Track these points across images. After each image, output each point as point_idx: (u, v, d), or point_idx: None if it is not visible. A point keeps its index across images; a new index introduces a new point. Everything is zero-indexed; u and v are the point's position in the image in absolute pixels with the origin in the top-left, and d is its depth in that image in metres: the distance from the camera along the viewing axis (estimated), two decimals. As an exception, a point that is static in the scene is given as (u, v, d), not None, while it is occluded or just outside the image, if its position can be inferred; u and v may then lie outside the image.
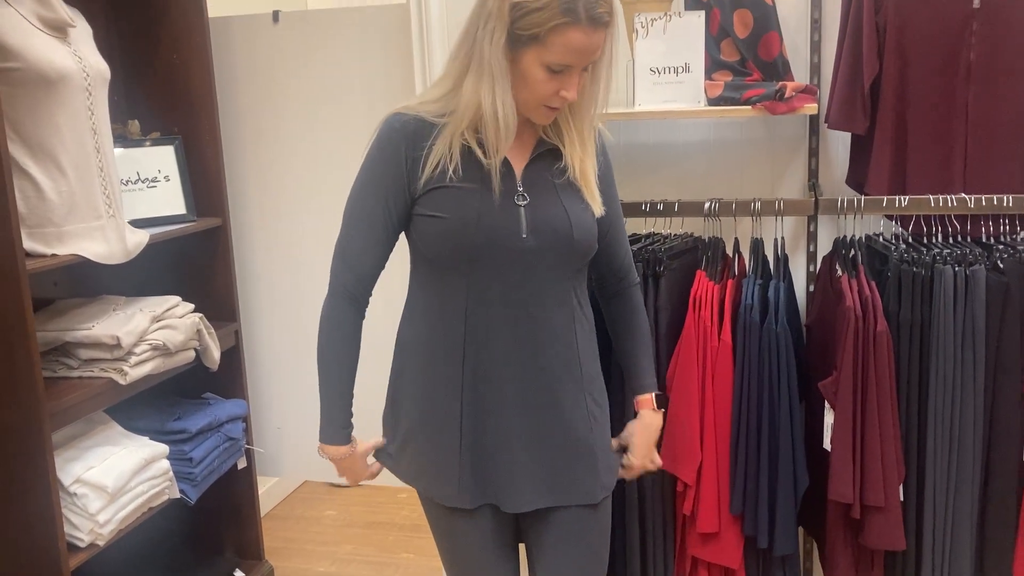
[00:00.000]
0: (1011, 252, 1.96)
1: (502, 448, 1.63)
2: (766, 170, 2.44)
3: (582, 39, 1.45)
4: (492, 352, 1.61)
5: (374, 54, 2.68)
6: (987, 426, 1.98)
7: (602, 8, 1.46)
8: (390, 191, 1.61)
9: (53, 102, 2.11)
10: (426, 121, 1.59)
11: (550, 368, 1.63)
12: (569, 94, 1.51)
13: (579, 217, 1.59)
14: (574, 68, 1.49)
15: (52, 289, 2.50)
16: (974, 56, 2.04)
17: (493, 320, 1.60)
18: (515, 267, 1.57)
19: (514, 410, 1.63)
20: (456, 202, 1.55)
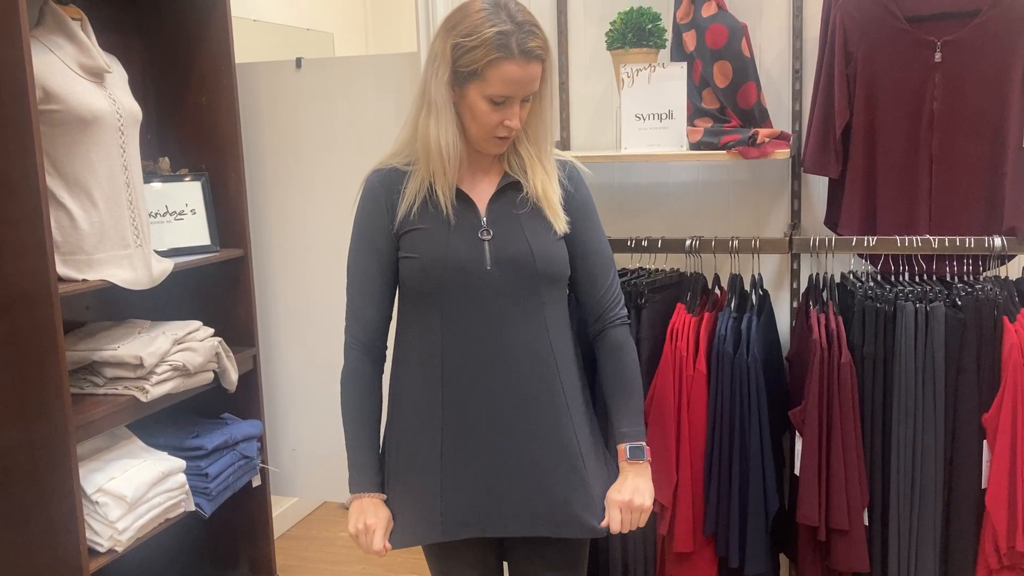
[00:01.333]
0: (970, 291, 2.06)
1: (481, 477, 1.71)
2: (751, 210, 2.56)
3: (517, 72, 1.60)
4: (469, 384, 1.70)
5: (388, 98, 2.86)
6: (947, 454, 2.07)
7: (533, 43, 1.61)
8: (379, 242, 1.75)
9: (88, 140, 2.31)
10: (398, 170, 1.75)
11: (525, 397, 1.70)
12: (512, 123, 1.66)
13: (541, 245, 1.71)
14: (514, 99, 1.64)
15: (84, 313, 2.69)
16: (937, 106, 2.16)
17: (468, 352, 1.70)
18: (484, 299, 1.68)
19: (491, 440, 1.70)
20: (426, 241, 1.69)
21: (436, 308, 1.71)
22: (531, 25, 1.63)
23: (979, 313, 2.03)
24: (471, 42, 1.61)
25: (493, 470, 1.71)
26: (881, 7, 2.15)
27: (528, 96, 1.67)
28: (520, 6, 1.67)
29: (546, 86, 1.71)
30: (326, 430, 3.15)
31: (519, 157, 1.75)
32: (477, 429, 1.71)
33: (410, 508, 1.76)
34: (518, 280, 1.69)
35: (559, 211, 1.73)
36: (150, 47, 2.83)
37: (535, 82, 1.65)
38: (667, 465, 2.16)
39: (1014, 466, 1.99)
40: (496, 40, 1.59)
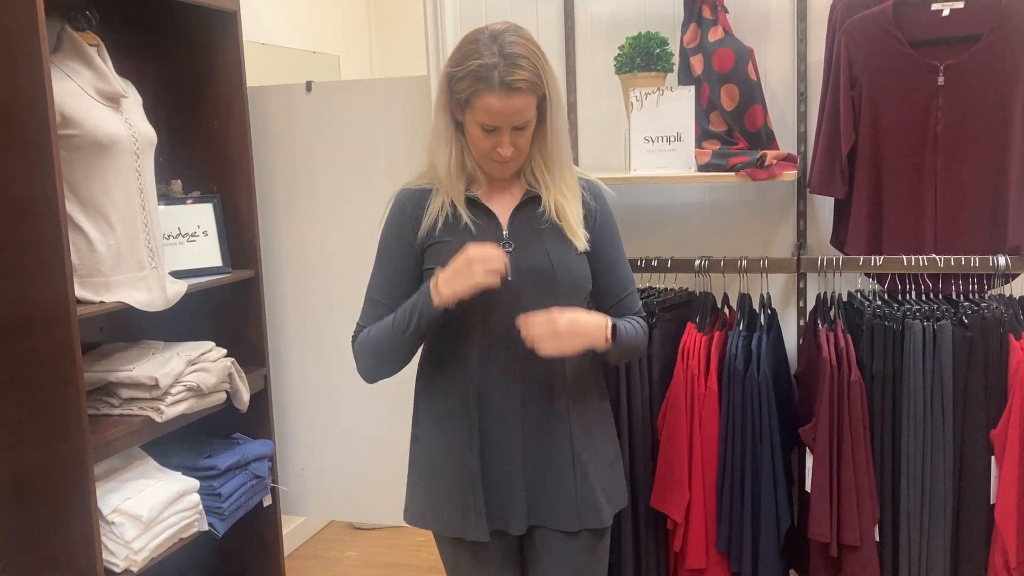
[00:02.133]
0: (975, 309, 2.10)
1: (506, 475, 1.80)
2: (758, 230, 2.60)
3: (497, 103, 1.66)
4: (494, 389, 1.78)
5: (397, 121, 2.90)
6: (956, 470, 2.11)
7: (517, 76, 1.65)
8: (403, 255, 1.83)
9: (105, 164, 2.34)
10: (424, 189, 1.83)
11: (545, 401, 1.79)
12: (503, 151, 1.72)
13: (562, 259, 1.78)
14: (503, 128, 1.70)
15: (98, 334, 2.71)
16: (940, 128, 2.20)
17: (491, 359, 1.77)
18: (507, 309, 1.74)
19: (514, 439, 1.79)
20: (449, 253, 1.74)
21: (459, 318, 1.77)
22: (519, 58, 1.67)
23: (985, 331, 2.07)
24: (459, 72, 1.70)
25: (509, 473, 1.80)
26: (885, 32, 2.20)
27: (522, 125, 1.72)
28: (519, 39, 1.71)
29: (550, 114, 1.76)
30: (335, 449, 3.17)
31: (535, 177, 1.81)
32: (501, 432, 1.79)
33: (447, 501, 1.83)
34: (539, 291, 1.76)
35: (577, 229, 1.78)
36: (163, 71, 2.87)
37: (522, 113, 1.69)
38: (680, 482, 2.19)
39: (1023, 481, 2.02)
40: (478, 72, 1.67)
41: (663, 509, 2.22)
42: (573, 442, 1.82)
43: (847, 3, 2.29)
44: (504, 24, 1.75)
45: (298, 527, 3.79)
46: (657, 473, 2.23)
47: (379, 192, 3.02)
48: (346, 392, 3.11)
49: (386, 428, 3.07)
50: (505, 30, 1.72)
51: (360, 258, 3.01)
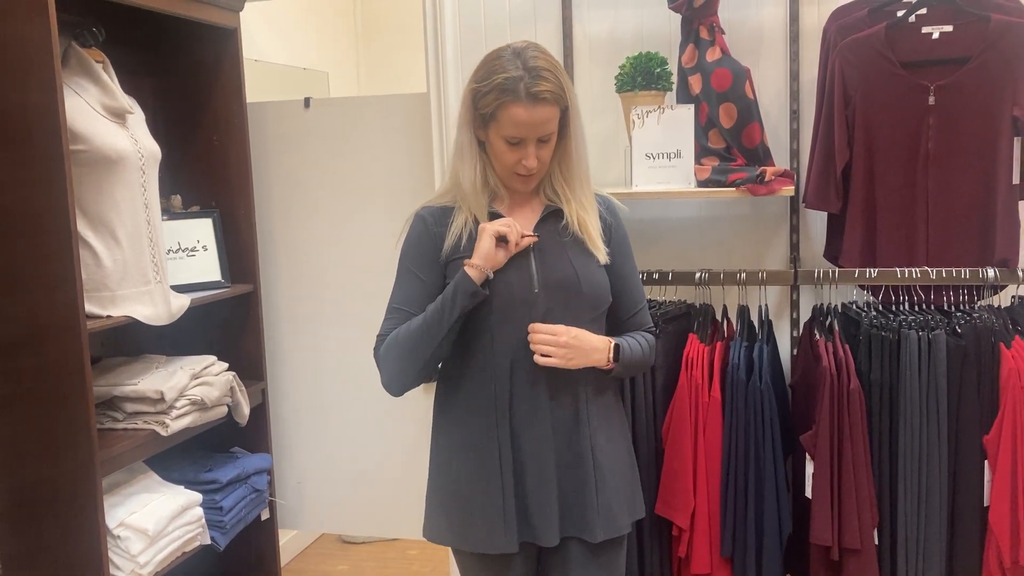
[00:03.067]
0: (968, 319, 2.19)
1: (535, 488, 1.82)
2: (752, 244, 2.67)
3: (524, 114, 1.72)
4: (521, 401, 1.81)
5: (397, 138, 2.94)
6: (951, 475, 2.18)
7: (542, 87, 1.73)
8: (425, 269, 1.85)
9: (113, 180, 2.35)
10: (446, 207, 1.87)
11: (571, 413, 1.83)
12: (528, 163, 1.77)
13: (586, 270, 1.83)
14: (528, 140, 1.76)
15: (100, 348, 2.71)
16: (932, 146, 2.29)
17: (518, 371, 1.80)
18: (532, 319, 1.79)
19: (545, 450, 1.82)
20: None
21: (486, 330, 1.81)
22: (544, 71, 1.75)
23: (978, 340, 2.15)
24: (485, 87, 1.77)
25: (539, 486, 1.83)
26: (877, 53, 2.29)
27: (546, 137, 1.78)
28: (541, 55, 1.79)
29: (570, 127, 1.83)
30: (331, 463, 3.18)
31: (555, 192, 1.86)
32: (531, 443, 1.82)
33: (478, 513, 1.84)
34: (564, 303, 1.81)
35: (599, 243, 1.84)
36: (163, 87, 2.89)
37: (547, 124, 1.76)
38: (685, 490, 2.25)
39: (1015, 484, 2.10)
40: (504, 84, 1.74)
41: (668, 516, 2.28)
42: (595, 452, 1.85)
43: (840, 25, 2.37)
44: (524, 42, 1.82)
45: (290, 540, 3.79)
46: (662, 480, 2.28)
47: (377, 208, 3.09)
48: (342, 406, 3.13)
49: (381, 442, 3.10)
50: (526, 47, 1.79)
51: (358, 273, 3.07)
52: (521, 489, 1.83)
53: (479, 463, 1.84)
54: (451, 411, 1.90)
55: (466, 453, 1.86)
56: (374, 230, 3.00)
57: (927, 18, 2.29)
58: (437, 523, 1.92)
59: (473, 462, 1.85)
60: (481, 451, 1.84)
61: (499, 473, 1.82)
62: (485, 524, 1.83)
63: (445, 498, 1.90)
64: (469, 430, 1.86)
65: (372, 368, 1.87)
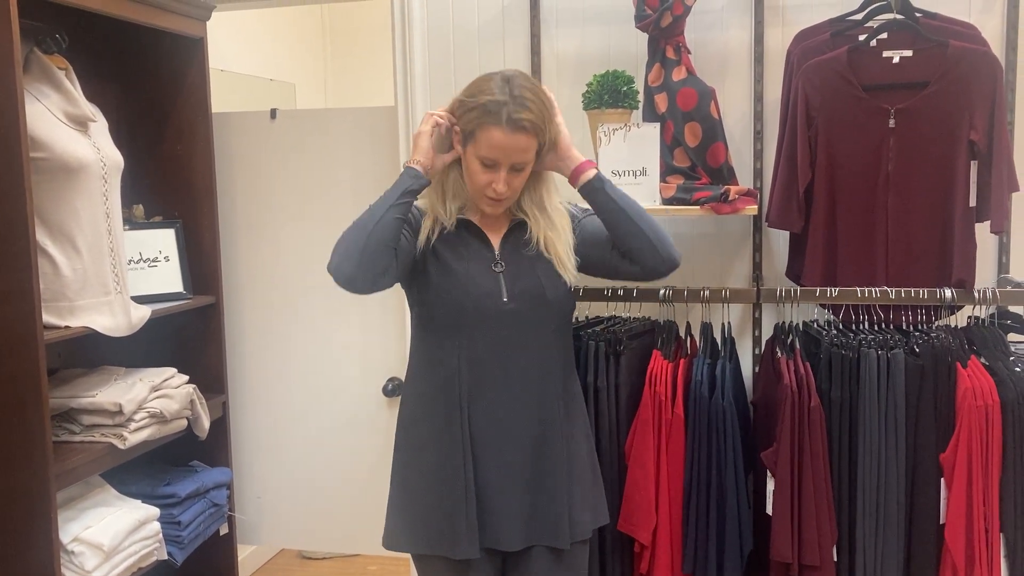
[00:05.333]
0: (926, 339, 2.22)
1: (498, 493, 1.84)
2: (716, 262, 2.70)
3: (502, 139, 1.74)
4: (486, 407, 1.83)
5: (363, 151, 2.93)
6: (908, 492, 2.21)
7: (523, 115, 1.75)
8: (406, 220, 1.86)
9: (73, 188, 2.32)
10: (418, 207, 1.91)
11: (536, 419, 1.85)
12: (498, 188, 1.79)
13: (552, 281, 1.86)
14: (502, 165, 1.77)
15: (56, 360, 2.67)
16: (892, 167, 2.33)
17: (485, 378, 1.83)
18: (500, 328, 1.81)
19: (509, 454, 1.84)
20: (444, 274, 1.82)
21: (454, 336, 1.83)
22: (529, 100, 1.77)
23: (935, 359, 2.18)
24: (470, 103, 1.79)
25: (502, 491, 1.84)
26: (840, 77, 2.33)
27: (520, 165, 1.80)
28: (529, 86, 1.81)
29: (546, 147, 1.85)
30: (291, 478, 3.15)
31: (524, 212, 1.88)
32: (495, 446, 1.84)
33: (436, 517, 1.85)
34: (532, 312, 1.84)
35: (566, 262, 1.86)
36: (127, 95, 2.86)
37: (523, 152, 1.78)
38: (647, 506, 2.25)
39: (970, 502, 2.13)
40: (487, 106, 1.75)
41: (630, 532, 2.28)
42: (563, 459, 1.88)
43: (803, 48, 2.41)
44: (515, 71, 1.86)
45: (249, 556, 3.74)
46: (624, 496, 2.28)
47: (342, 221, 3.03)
48: (303, 420, 3.11)
49: (342, 457, 3.08)
50: (517, 75, 1.83)
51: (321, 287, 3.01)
52: (484, 494, 1.84)
53: (441, 468, 1.85)
54: (416, 418, 1.91)
55: (429, 458, 1.87)
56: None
57: (888, 42, 2.34)
58: (397, 530, 1.93)
59: (435, 467, 1.86)
60: (444, 456, 1.85)
61: (462, 478, 1.83)
62: (447, 528, 1.84)
63: (406, 503, 1.91)
64: (433, 437, 1.87)
65: (335, 384, 1.87)
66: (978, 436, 2.13)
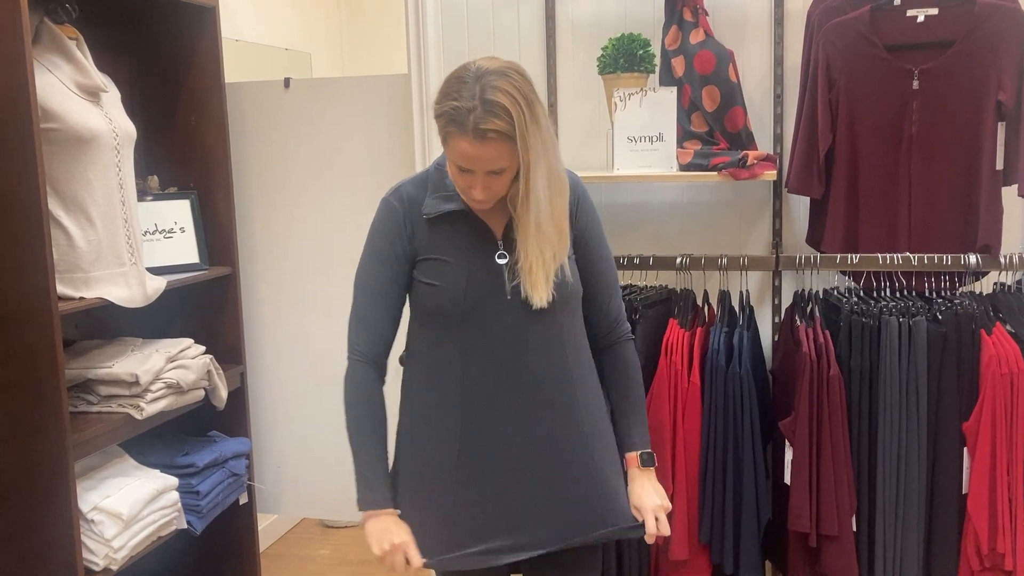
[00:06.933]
0: (949, 305, 2.17)
1: (504, 498, 1.73)
2: (735, 229, 2.66)
3: (468, 148, 1.58)
4: (488, 403, 1.73)
5: (378, 120, 2.90)
6: (930, 461, 2.18)
7: (490, 125, 1.55)
8: (397, 259, 1.76)
9: (86, 159, 2.32)
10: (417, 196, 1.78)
11: (545, 414, 1.74)
12: (474, 194, 1.65)
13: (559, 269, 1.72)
14: (475, 172, 1.62)
15: (73, 331, 2.68)
16: (915, 130, 2.28)
17: (487, 373, 1.72)
18: (503, 321, 1.71)
19: (512, 457, 1.73)
20: (445, 267, 1.72)
21: (455, 330, 1.74)
22: (497, 106, 1.56)
23: (959, 327, 2.14)
24: (439, 109, 1.63)
25: (516, 491, 1.74)
26: (862, 37, 2.27)
27: (497, 170, 1.63)
28: (506, 83, 1.59)
29: (528, 162, 1.61)
30: (311, 448, 3.16)
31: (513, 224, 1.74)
32: (498, 450, 1.74)
33: (436, 527, 1.77)
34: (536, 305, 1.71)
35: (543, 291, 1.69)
36: (140, 66, 2.84)
37: (494, 161, 1.60)
38: (663, 475, 2.22)
39: (994, 471, 2.09)
40: (452, 114, 1.58)
41: (646, 502, 2.26)
42: (587, 456, 1.77)
43: (824, 8, 2.35)
44: (498, 64, 1.62)
45: (270, 525, 3.77)
46: (641, 466, 2.26)
47: (357, 190, 3.06)
48: (321, 390, 3.11)
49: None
50: (492, 71, 1.60)
51: (338, 255, 3.03)
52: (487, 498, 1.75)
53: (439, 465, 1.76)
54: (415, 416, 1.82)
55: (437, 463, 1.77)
56: (355, 212, 2.96)
57: (912, 1, 2.27)
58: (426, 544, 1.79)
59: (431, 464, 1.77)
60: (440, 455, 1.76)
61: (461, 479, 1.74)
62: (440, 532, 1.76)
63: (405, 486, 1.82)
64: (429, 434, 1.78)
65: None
66: (1002, 404, 2.09)
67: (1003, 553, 2.08)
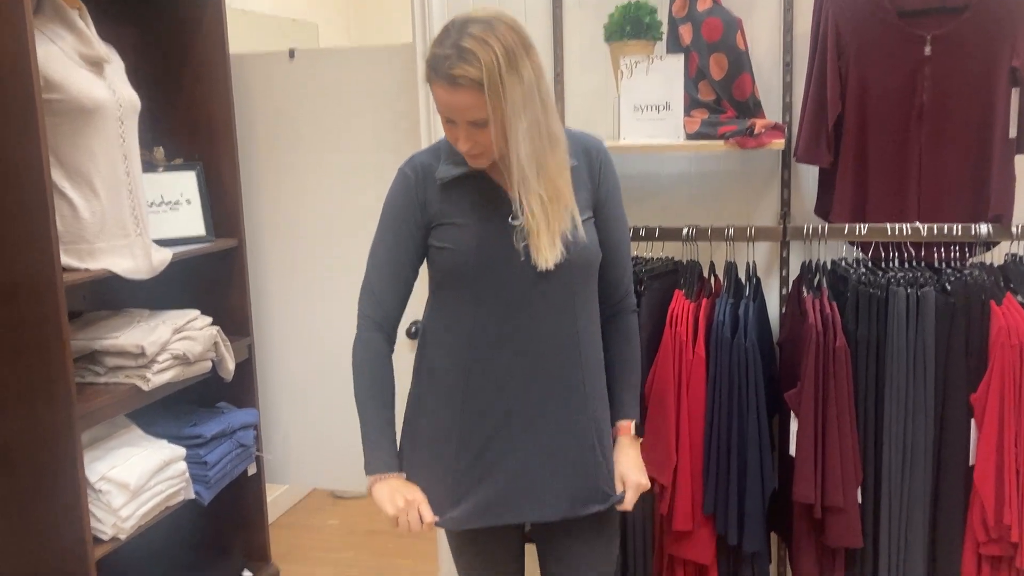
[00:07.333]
0: (958, 276, 2.15)
1: (514, 462, 1.74)
2: (743, 200, 2.62)
3: (442, 95, 1.58)
4: (499, 368, 1.72)
5: (383, 89, 2.88)
6: (937, 434, 2.16)
7: (460, 71, 1.54)
8: (409, 230, 1.75)
9: (89, 130, 2.31)
10: (431, 163, 1.77)
11: (556, 379, 1.74)
12: (460, 146, 1.64)
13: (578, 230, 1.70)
14: (457, 122, 1.61)
15: (80, 302, 2.69)
16: (926, 98, 2.23)
17: (498, 337, 1.71)
18: (514, 281, 1.70)
19: (525, 423, 1.73)
20: (458, 230, 1.71)
21: (467, 293, 1.73)
22: (470, 53, 1.54)
23: (968, 297, 2.11)
24: (426, 58, 1.63)
25: (524, 456, 1.74)
26: (872, 2, 2.22)
27: (479, 122, 1.59)
28: (487, 32, 1.56)
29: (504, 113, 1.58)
30: (318, 418, 3.17)
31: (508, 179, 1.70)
32: (507, 415, 1.74)
33: (445, 489, 1.77)
34: (553, 270, 1.69)
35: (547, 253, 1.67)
36: (144, 37, 2.83)
37: (469, 110, 1.58)
38: (667, 446, 2.22)
39: (1001, 443, 2.07)
40: (430, 61, 1.59)
41: (650, 473, 2.24)
42: (597, 422, 1.79)
43: (835, -27, 2.30)
44: (487, 13, 1.60)
45: (280, 495, 3.80)
46: (644, 437, 2.25)
47: (364, 159, 3.04)
48: (329, 361, 3.11)
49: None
50: (478, 20, 1.58)
51: (344, 226, 3.03)
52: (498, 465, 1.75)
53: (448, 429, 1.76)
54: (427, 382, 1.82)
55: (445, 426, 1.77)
56: (362, 181, 2.96)
57: (924, -35, 2.22)
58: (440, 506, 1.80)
59: (440, 427, 1.77)
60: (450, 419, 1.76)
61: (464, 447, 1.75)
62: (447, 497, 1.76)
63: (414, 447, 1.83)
64: (440, 397, 1.78)
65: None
66: (1011, 376, 2.06)
67: (1009, 525, 2.07)
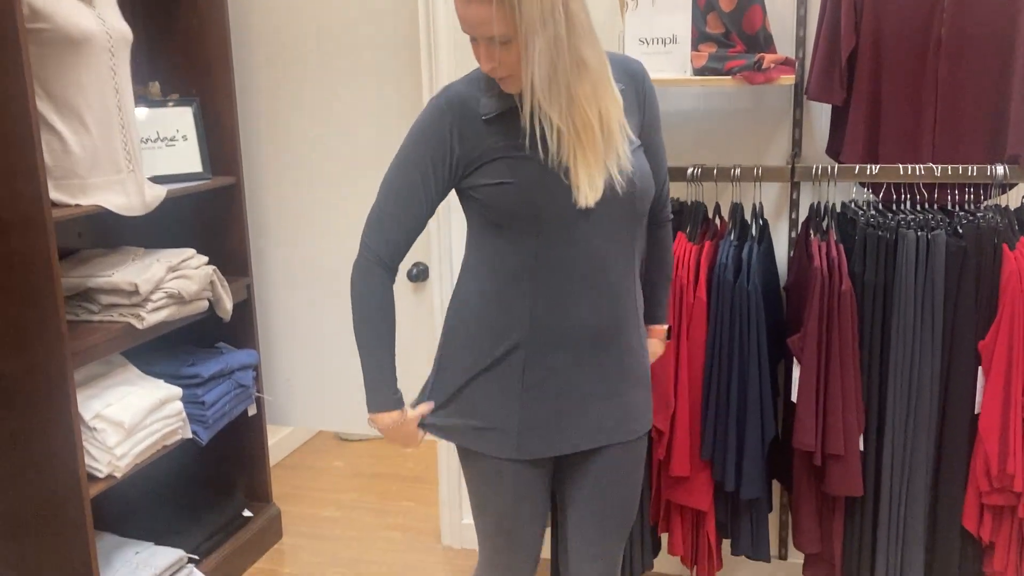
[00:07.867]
0: (971, 219, 2.07)
1: (566, 393, 1.69)
2: (752, 139, 2.54)
3: (460, 9, 1.54)
4: (558, 302, 1.65)
5: (383, 19, 2.80)
6: (943, 382, 2.10)
7: None
8: (436, 167, 1.65)
9: (78, 62, 2.25)
10: (476, 88, 1.66)
11: (615, 314, 1.68)
12: (482, 65, 1.59)
13: (637, 165, 1.64)
14: (478, 40, 1.56)
15: (76, 240, 2.66)
16: (944, 32, 2.13)
17: (558, 272, 1.64)
18: (578, 222, 1.61)
19: (579, 356, 1.68)
20: (516, 166, 1.61)
21: (526, 234, 1.64)
22: None
23: (979, 241, 2.03)
24: None
25: (573, 390, 1.70)
26: (890, -71, 2.11)
27: (503, 38, 1.52)
28: None
29: (519, 29, 1.51)
30: (321, 360, 3.15)
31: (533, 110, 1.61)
32: (563, 350, 1.68)
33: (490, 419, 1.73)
34: (607, 211, 1.63)
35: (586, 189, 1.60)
36: (137, -33, 2.75)
37: (483, 25, 1.52)
38: (665, 391, 2.18)
39: (1008, 391, 2.01)
40: None
41: (648, 418, 2.21)
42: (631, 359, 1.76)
43: (852, -101, 2.19)
44: None
45: (284, 437, 3.80)
46: (643, 383, 2.21)
47: (365, 95, 2.97)
48: (331, 301, 3.08)
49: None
50: None
51: (346, 163, 2.97)
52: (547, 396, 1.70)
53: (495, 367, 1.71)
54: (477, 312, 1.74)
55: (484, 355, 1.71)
56: (362, 118, 2.89)
57: None
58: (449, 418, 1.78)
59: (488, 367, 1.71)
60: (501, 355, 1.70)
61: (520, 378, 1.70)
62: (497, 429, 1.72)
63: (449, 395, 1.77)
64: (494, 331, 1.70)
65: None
66: (1021, 322, 1.99)
67: (1013, 475, 2.01)
